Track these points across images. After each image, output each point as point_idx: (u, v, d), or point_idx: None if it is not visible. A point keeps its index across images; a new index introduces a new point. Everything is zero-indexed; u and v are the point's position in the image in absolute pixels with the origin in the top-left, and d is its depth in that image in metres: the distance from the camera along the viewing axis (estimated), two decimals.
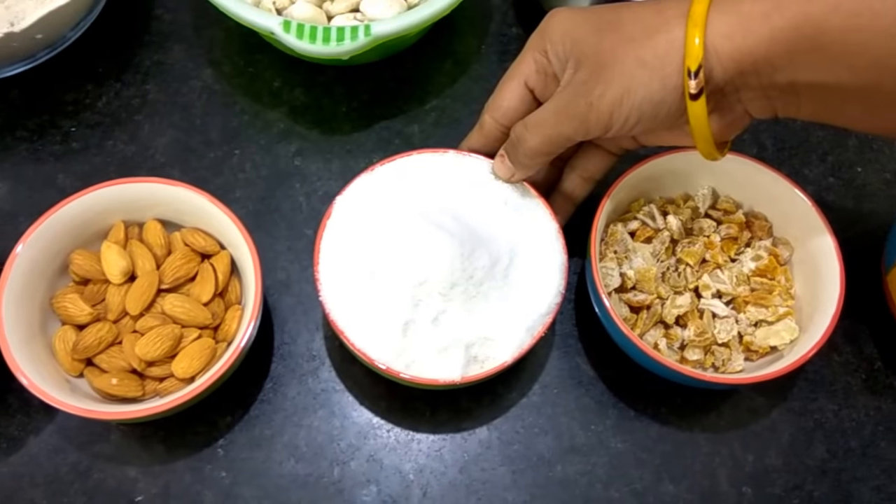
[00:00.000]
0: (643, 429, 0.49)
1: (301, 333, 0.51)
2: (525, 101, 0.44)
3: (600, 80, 0.39)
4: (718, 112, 0.39)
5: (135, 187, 0.47)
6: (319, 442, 0.48)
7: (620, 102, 0.38)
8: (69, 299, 0.46)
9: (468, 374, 0.43)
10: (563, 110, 0.40)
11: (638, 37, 0.38)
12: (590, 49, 0.39)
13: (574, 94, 0.40)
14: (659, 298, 0.48)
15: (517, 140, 0.43)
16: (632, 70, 0.38)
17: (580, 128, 0.40)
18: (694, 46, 0.35)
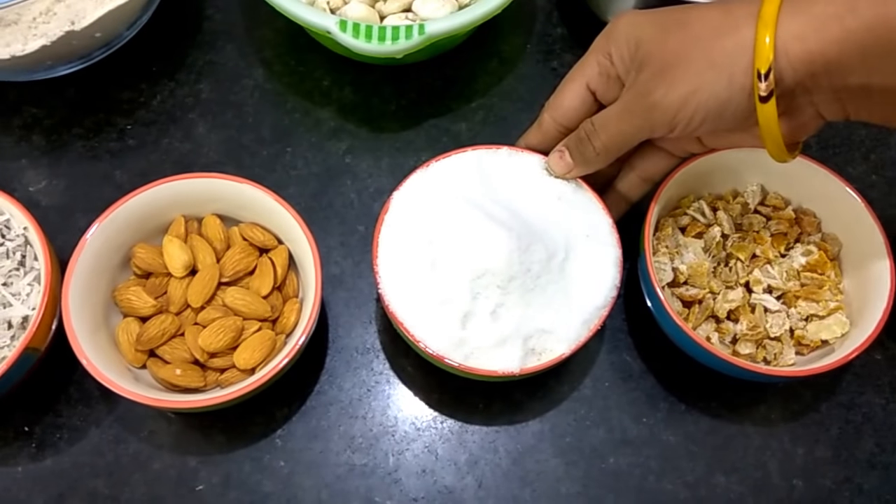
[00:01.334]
0: (694, 422, 0.50)
1: (354, 327, 0.52)
2: (586, 102, 0.45)
3: (664, 80, 0.39)
4: (789, 114, 0.39)
5: (195, 183, 0.48)
6: (375, 433, 0.49)
7: (686, 102, 0.38)
8: (132, 292, 0.47)
9: (526, 366, 0.43)
10: (628, 110, 0.41)
11: (706, 36, 0.38)
12: (655, 49, 0.39)
13: (638, 93, 0.40)
14: (711, 293, 0.48)
15: (585, 138, 0.44)
16: (699, 70, 0.38)
17: (644, 127, 0.41)
18: (764, 48, 0.35)
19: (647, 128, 0.41)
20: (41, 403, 0.49)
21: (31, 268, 0.47)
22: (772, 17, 0.35)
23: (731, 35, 0.37)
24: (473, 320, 0.44)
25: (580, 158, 0.45)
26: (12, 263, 0.46)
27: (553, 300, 0.44)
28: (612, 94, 0.43)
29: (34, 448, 0.48)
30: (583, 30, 0.62)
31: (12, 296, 0.45)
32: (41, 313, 0.43)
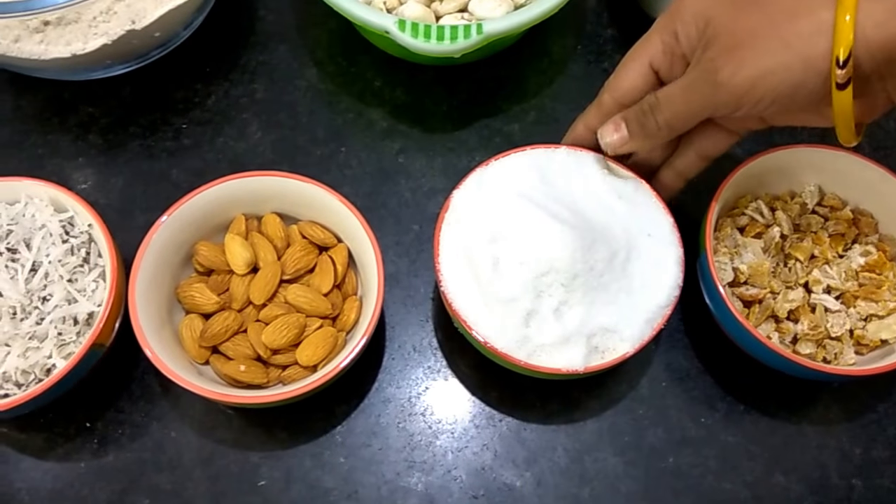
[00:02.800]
0: (753, 422, 0.50)
1: (411, 325, 0.52)
2: (648, 81, 0.44)
3: (733, 59, 0.38)
4: (861, 97, 0.38)
5: (256, 181, 0.49)
6: (433, 430, 0.49)
7: (755, 84, 0.37)
8: (196, 289, 0.47)
9: (590, 365, 0.43)
10: (693, 87, 0.40)
11: (781, 16, 0.37)
12: (724, 28, 0.38)
13: (705, 70, 0.39)
14: (771, 293, 0.48)
15: (648, 110, 0.43)
16: (772, 51, 0.37)
17: (709, 105, 0.40)
18: (844, 33, 0.34)
19: (712, 106, 0.40)
20: (103, 399, 0.49)
21: (96, 264, 0.47)
22: (852, 1, 0.34)
23: (808, 16, 0.36)
24: (537, 318, 0.44)
25: (640, 132, 0.44)
26: (77, 260, 0.47)
27: (616, 298, 0.44)
28: (677, 73, 0.42)
29: (96, 444, 0.48)
30: (633, 31, 0.62)
31: (78, 292, 0.45)
32: (108, 310, 0.44)
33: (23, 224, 0.47)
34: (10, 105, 0.59)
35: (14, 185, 0.48)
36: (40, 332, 0.44)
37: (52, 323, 0.44)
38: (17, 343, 0.44)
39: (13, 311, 0.44)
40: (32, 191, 0.48)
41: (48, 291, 0.45)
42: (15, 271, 0.45)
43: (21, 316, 0.44)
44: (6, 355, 0.43)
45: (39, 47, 0.51)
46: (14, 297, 0.44)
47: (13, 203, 0.48)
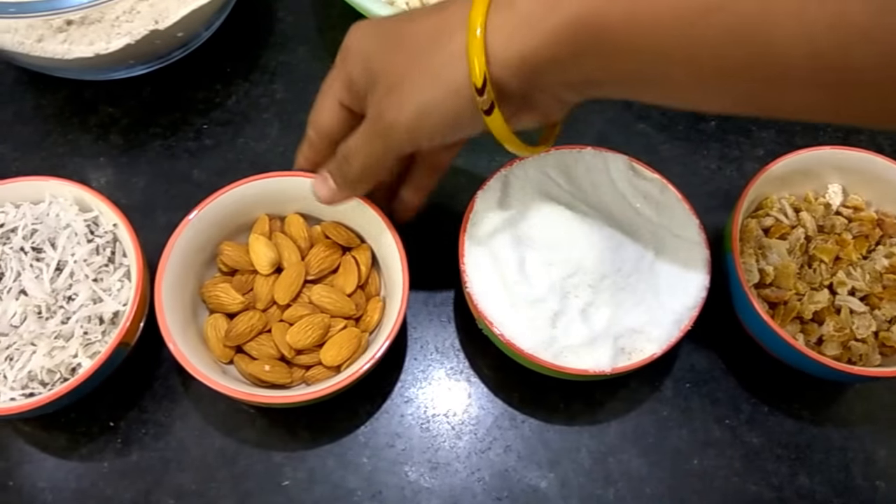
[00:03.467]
0: (777, 423, 0.50)
1: (433, 325, 0.52)
2: (342, 116, 0.42)
3: (394, 100, 0.37)
4: (529, 108, 0.37)
5: (280, 181, 0.48)
6: (456, 431, 0.49)
7: (419, 120, 0.36)
8: (220, 288, 0.47)
9: (617, 366, 0.43)
10: (371, 133, 0.39)
11: (425, 49, 0.35)
12: (381, 68, 0.37)
13: (376, 116, 0.38)
14: (797, 294, 0.48)
15: (339, 165, 0.42)
16: (423, 86, 0.36)
17: (390, 147, 0.39)
18: (475, 61, 0.33)
19: (394, 147, 0.39)
20: (126, 399, 0.49)
21: (120, 264, 0.47)
22: (479, 23, 0.33)
23: (447, 45, 0.34)
24: (564, 319, 0.44)
25: (344, 183, 0.43)
26: (102, 260, 0.47)
27: (643, 299, 0.44)
28: (362, 106, 0.40)
29: (120, 443, 0.48)
30: None
31: (103, 292, 0.45)
32: (134, 309, 0.44)
33: (47, 223, 0.47)
34: (30, 104, 0.59)
35: (39, 185, 0.48)
36: (66, 332, 0.44)
37: (78, 322, 0.44)
38: (43, 342, 0.43)
39: (38, 310, 0.44)
40: (57, 190, 0.48)
41: (73, 291, 0.45)
42: (40, 270, 0.45)
43: (46, 315, 0.44)
44: (32, 354, 0.43)
45: (62, 47, 0.51)
46: (39, 297, 0.44)
47: (37, 202, 0.48)
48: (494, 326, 0.44)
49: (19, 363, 0.43)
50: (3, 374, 0.43)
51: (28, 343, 0.43)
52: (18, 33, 0.51)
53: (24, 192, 0.48)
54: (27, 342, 0.43)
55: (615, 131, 0.59)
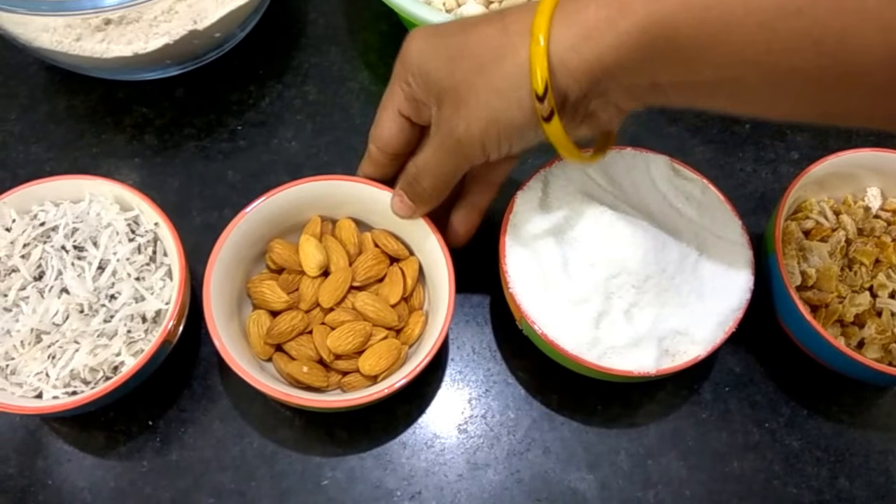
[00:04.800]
0: (816, 426, 0.49)
1: (470, 327, 0.52)
2: (404, 129, 0.43)
3: (462, 115, 0.37)
4: (589, 116, 0.38)
5: (335, 185, 0.48)
6: (495, 433, 0.49)
7: (487, 133, 0.37)
8: (267, 285, 0.47)
9: (662, 367, 0.43)
10: (441, 149, 0.40)
11: (487, 62, 0.35)
12: (445, 83, 0.37)
13: (445, 133, 0.39)
14: (838, 297, 0.48)
15: (411, 181, 0.43)
16: (488, 100, 0.36)
17: (463, 161, 0.40)
18: (537, 67, 0.33)
19: (465, 162, 0.40)
20: (165, 398, 0.49)
21: (161, 263, 0.47)
22: (543, 32, 0.33)
23: (510, 57, 0.35)
24: (607, 320, 0.44)
25: (417, 200, 0.44)
26: (144, 258, 0.46)
27: (688, 301, 0.44)
28: (426, 116, 0.41)
29: (159, 442, 0.48)
30: None
31: (146, 290, 0.45)
32: (177, 307, 0.44)
33: (88, 222, 0.47)
34: (63, 105, 0.59)
35: (79, 184, 0.48)
36: (109, 330, 0.44)
37: (121, 321, 0.44)
38: (86, 340, 0.43)
39: (81, 309, 0.44)
40: (97, 189, 0.48)
41: (116, 289, 0.45)
42: (82, 269, 0.45)
43: (88, 313, 0.44)
44: (75, 353, 0.43)
45: (101, 46, 0.52)
46: (82, 295, 0.44)
47: (77, 201, 0.48)
48: (538, 327, 0.44)
49: (62, 361, 0.43)
50: (46, 373, 0.43)
51: (71, 341, 0.43)
52: (56, 32, 0.51)
53: (63, 191, 0.48)
54: (70, 340, 0.43)
55: (648, 134, 0.59)
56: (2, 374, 0.43)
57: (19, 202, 0.48)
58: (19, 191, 0.48)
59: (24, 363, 0.43)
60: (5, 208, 0.47)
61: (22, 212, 0.48)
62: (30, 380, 0.43)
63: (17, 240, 0.46)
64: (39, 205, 0.48)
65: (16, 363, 0.43)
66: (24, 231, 0.46)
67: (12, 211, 0.47)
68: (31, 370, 0.43)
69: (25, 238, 0.46)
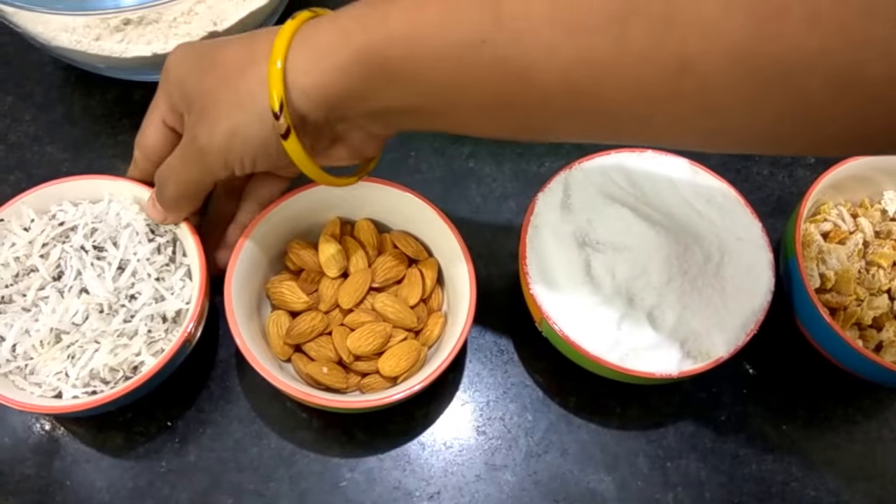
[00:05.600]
0: (833, 428, 0.50)
1: (487, 330, 0.52)
2: (168, 137, 0.43)
3: (205, 123, 0.37)
4: (339, 140, 0.39)
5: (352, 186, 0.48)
6: (513, 435, 0.49)
7: (228, 145, 0.37)
8: (286, 286, 0.47)
9: (684, 369, 0.43)
10: (185, 158, 0.40)
11: (233, 76, 0.36)
12: (195, 92, 0.38)
13: (189, 140, 0.39)
14: (857, 300, 0.48)
15: (158, 188, 0.43)
16: (230, 111, 0.37)
17: (205, 172, 0.40)
18: (272, 85, 0.34)
19: (209, 172, 0.40)
20: (183, 398, 0.49)
21: (181, 263, 0.47)
22: (280, 52, 0.34)
23: (252, 71, 0.36)
24: (629, 322, 0.44)
25: (165, 205, 0.44)
26: (164, 259, 0.46)
27: (710, 303, 0.44)
28: None
29: (177, 443, 0.48)
30: None
31: (166, 290, 0.45)
32: (198, 307, 0.44)
33: (108, 222, 0.47)
34: (79, 105, 0.59)
35: (98, 184, 0.48)
36: (129, 330, 0.44)
37: (141, 321, 0.44)
38: (107, 340, 0.43)
39: (101, 309, 0.44)
40: (116, 189, 0.48)
41: (136, 289, 0.45)
42: (102, 269, 0.45)
43: (108, 313, 0.44)
44: (94, 352, 0.43)
45: (120, 46, 0.52)
46: (102, 295, 0.44)
47: (96, 201, 0.48)
48: (559, 328, 0.44)
49: (81, 361, 0.43)
50: (66, 372, 0.43)
51: (91, 341, 0.43)
52: (76, 32, 0.51)
53: (82, 191, 0.48)
54: (90, 340, 0.43)
55: None
56: (21, 373, 0.43)
57: (38, 202, 0.48)
58: (37, 191, 0.48)
59: (43, 363, 0.43)
60: (24, 208, 0.47)
61: (40, 212, 0.47)
62: (49, 379, 0.43)
63: (36, 239, 0.46)
64: (58, 205, 0.48)
65: (35, 363, 0.43)
66: (44, 231, 0.46)
67: (31, 211, 0.47)
68: (51, 370, 0.43)
69: (44, 238, 0.46)
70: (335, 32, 0.34)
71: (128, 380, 0.44)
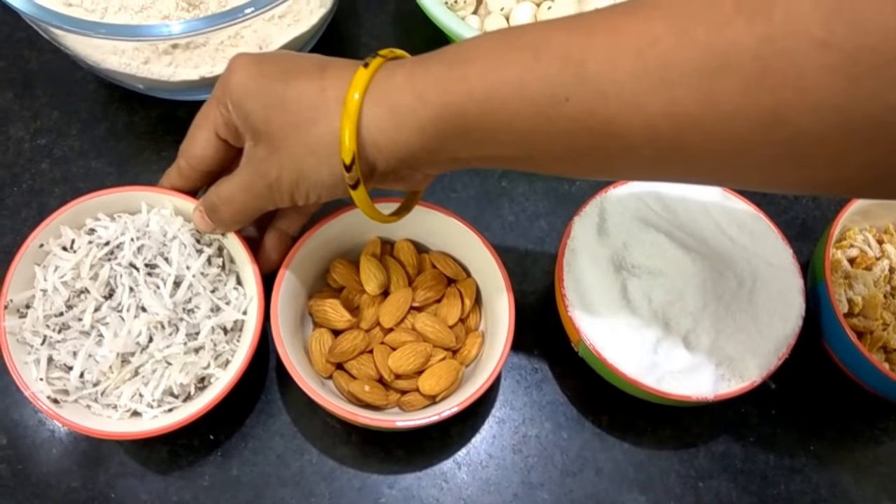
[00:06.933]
0: (860, 449, 0.51)
1: (522, 347, 0.53)
2: (219, 148, 0.44)
3: (275, 163, 0.39)
4: (398, 180, 0.40)
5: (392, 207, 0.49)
6: (548, 452, 0.50)
7: (297, 183, 0.39)
8: (329, 304, 0.48)
9: (719, 392, 0.44)
10: (249, 188, 0.41)
11: (303, 121, 0.37)
12: (261, 125, 0.39)
13: (256, 173, 0.40)
14: (883, 324, 0.49)
15: (212, 209, 0.44)
16: (301, 156, 0.38)
17: (268, 203, 0.42)
18: (345, 142, 0.36)
19: (271, 203, 0.41)
20: (226, 413, 0.50)
21: (231, 271, 0.48)
22: (355, 109, 0.35)
23: (325, 121, 0.37)
24: (665, 345, 0.45)
25: (217, 223, 0.45)
26: (216, 270, 0.47)
27: (743, 327, 0.46)
28: (242, 142, 0.42)
29: (220, 456, 0.49)
30: None
31: (221, 300, 0.46)
32: (260, 317, 0.45)
33: (153, 237, 0.46)
34: (123, 121, 0.60)
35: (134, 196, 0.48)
36: (196, 345, 0.45)
37: (207, 335, 0.45)
38: (177, 359, 0.44)
39: (161, 326, 0.45)
40: (154, 200, 0.48)
41: (194, 303, 0.46)
42: (156, 286, 0.46)
43: (169, 330, 0.45)
44: (165, 369, 0.44)
45: (168, 69, 0.53)
46: (162, 313, 0.44)
47: (134, 213, 0.48)
48: (598, 351, 0.45)
49: (154, 381, 0.44)
50: (139, 393, 0.44)
51: (162, 361, 0.44)
52: (125, 55, 0.52)
53: (119, 203, 0.48)
54: (160, 360, 0.44)
55: None
56: (92, 397, 0.44)
57: (73, 218, 0.47)
58: (71, 208, 0.47)
59: (114, 386, 0.44)
60: (63, 228, 0.47)
61: (76, 228, 0.47)
62: (122, 401, 0.43)
63: (83, 261, 0.46)
64: (94, 219, 0.48)
65: (104, 386, 0.44)
66: (90, 252, 0.46)
67: (69, 230, 0.47)
68: (122, 391, 0.44)
69: (91, 259, 0.46)
70: (412, 94, 0.35)
71: (200, 391, 0.45)
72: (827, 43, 0.26)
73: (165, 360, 0.44)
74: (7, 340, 0.44)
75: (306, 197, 0.40)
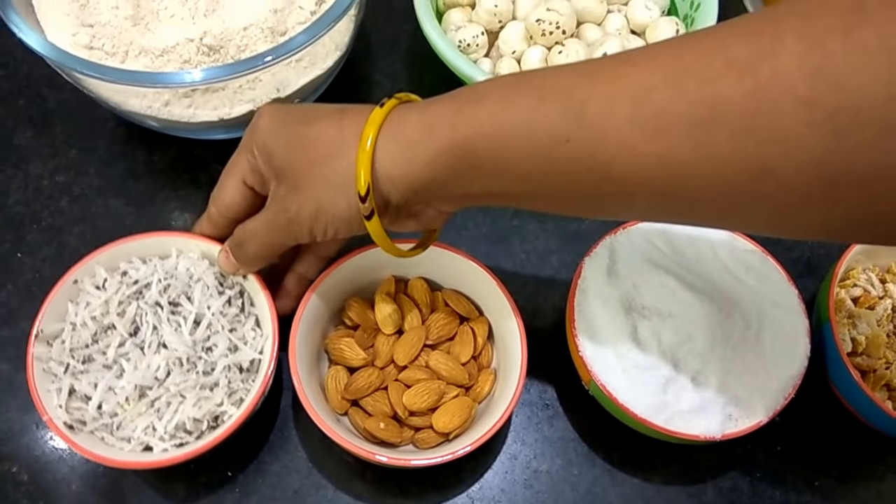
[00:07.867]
0: (863, 485, 0.52)
1: (533, 384, 0.54)
2: (246, 196, 0.46)
3: (295, 199, 0.41)
4: (411, 217, 0.42)
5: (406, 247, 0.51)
6: (559, 489, 0.51)
7: (316, 218, 0.41)
8: (345, 342, 0.49)
9: (727, 432, 0.46)
10: (272, 223, 0.43)
11: (323, 157, 0.40)
12: (285, 166, 0.41)
13: (278, 209, 0.42)
14: (885, 363, 0.51)
15: (238, 244, 0.46)
16: (320, 191, 0.40)
17: (289, 238, 0.43)
18: (361, 174, 0.38)
19: (291, 238, 0.43)
20: (243, 450, 0.51)
21: (250, 313, 0.50)
22: (370, 144, 0.38)
23: (343, 157, 0.39)
24: (675, 386, 0.46)
25: (241, 260, 0.47)
26: (235, 310, 0.49)
27: (750, 368, 0.47)
28: (268, 188, 0.44)
29: (238, 493, 0.50)
30: None
31: (239, 340, 0.48)
32: (273, 358, 0.46)
33: (179, 278, 0.49)
34: (142, 160, 0.62)
35: (166, 241, 0.50)
36: (210, 382, 0.46)
37: (221, 372, 0.46)
38: (191, 394, 0.45)
39: (180, 362, 0.46)
40: (183, 245, 0.50)
41: (212, 342, 0.47)
42: (178, 324, 0.47)
43: (187, 367, 0.46)
44: (180, 405, 0.45)
45: (188, 111, 0.54)
46: (181, 349, 0.46)
47: (165, 257, 0.50)
48: (609, 391, 0.46)
49: (167, 415, 0.45)
50: (153, 426, 0.45)
51: (176, 395, 0.45)
52: (147, 98, 0.54)
53: (151, 247, 0.51)
54: (175, 394, 0.45)
55: None
56: (107, 429, 0.45)
57: (108, 260, 0.50)
58: (108, 250, 0.49)
59: (129, 419, 0.45)
60: (96, 267, 0.49)
61: (111, 269, 0.50)
62: (136, 434, 0.45)
63: (112, 298, 0.48)
64: (128, 262, 0.50)
65: (120, 419, 0.45)
66: (119, 290, 0.48)
67: (102, 270, 0.49)
68: (137, 424, 0.45)
69: (120, 296, 0.48)
70: (423, 129, 0.37)
71: (212, 429, 0.46)
72: (810, 101, 0.27)
73: (180, 394, 0.45)
74: (34, 366, 0.46)
75: (324, 231, 0.42)
